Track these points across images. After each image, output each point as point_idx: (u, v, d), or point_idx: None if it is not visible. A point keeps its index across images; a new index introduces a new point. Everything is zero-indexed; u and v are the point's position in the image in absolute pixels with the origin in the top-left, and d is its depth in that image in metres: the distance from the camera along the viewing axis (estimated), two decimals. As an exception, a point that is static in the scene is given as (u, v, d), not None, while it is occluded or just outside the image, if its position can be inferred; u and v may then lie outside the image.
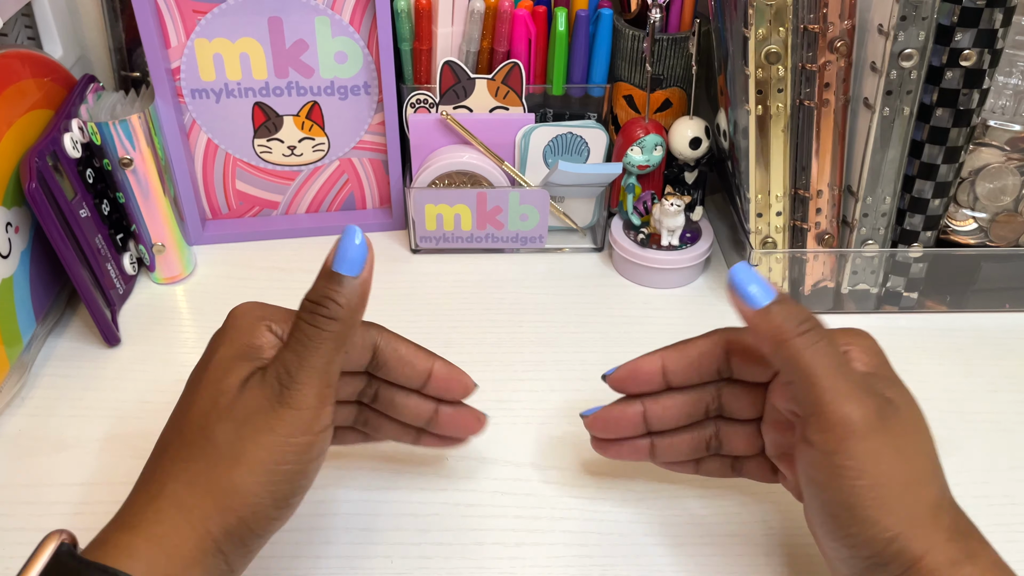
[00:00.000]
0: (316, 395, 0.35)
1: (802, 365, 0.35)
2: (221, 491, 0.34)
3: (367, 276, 0.36)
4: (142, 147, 0.59)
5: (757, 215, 0.59)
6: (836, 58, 0.54)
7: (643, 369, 0.42)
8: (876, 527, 0.34)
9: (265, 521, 0.35)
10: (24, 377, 0.55)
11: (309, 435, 0.35)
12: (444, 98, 0.65)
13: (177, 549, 0.33)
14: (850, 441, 0.34)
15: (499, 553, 0.45)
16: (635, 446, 0.44)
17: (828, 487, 0.35)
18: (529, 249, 0.68)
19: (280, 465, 0.35)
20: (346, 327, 0.36)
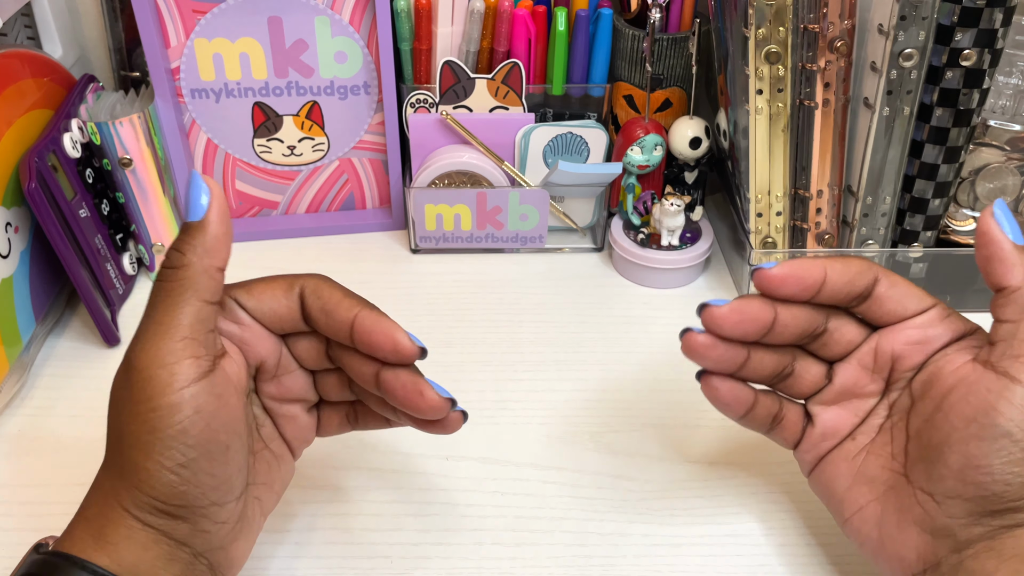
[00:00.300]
0: (164, 351, 0.33)
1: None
2: (119, 471, 0.34)
3: (215, 215, 0.35)
4: (142, 147, 0.59)
5: (757, 215, 0.59)
6: (836, 58, 0.54)
7: (810, 274, 0.40)
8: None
9: (170, 489, 0.34)
10: (24, 377, 0.55)
11: (168, 395, 0.33)
12: (444, 98, 0.65)
13: (104, 530, 0.34)
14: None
15: (499, 553, 0.45)
16: (735, 352, 0.41)
17: (1018, 421, 0.35)
18: (529, 249, 0.68)
19: (152, 433, 0.33)
20: (194, 272, 0.35)
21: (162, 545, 0.34)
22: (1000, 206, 0.38)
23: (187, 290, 0.34)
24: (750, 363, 0.41)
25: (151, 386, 0.33)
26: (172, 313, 0.34)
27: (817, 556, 0.45)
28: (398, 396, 0.38)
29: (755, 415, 0.43)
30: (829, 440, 0.42)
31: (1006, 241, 0.37)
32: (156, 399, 0.33)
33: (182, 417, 0.33)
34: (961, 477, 0.36)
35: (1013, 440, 0.35)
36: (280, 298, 0.38)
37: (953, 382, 0.38)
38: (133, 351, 0.34)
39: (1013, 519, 0.35)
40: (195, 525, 0.35)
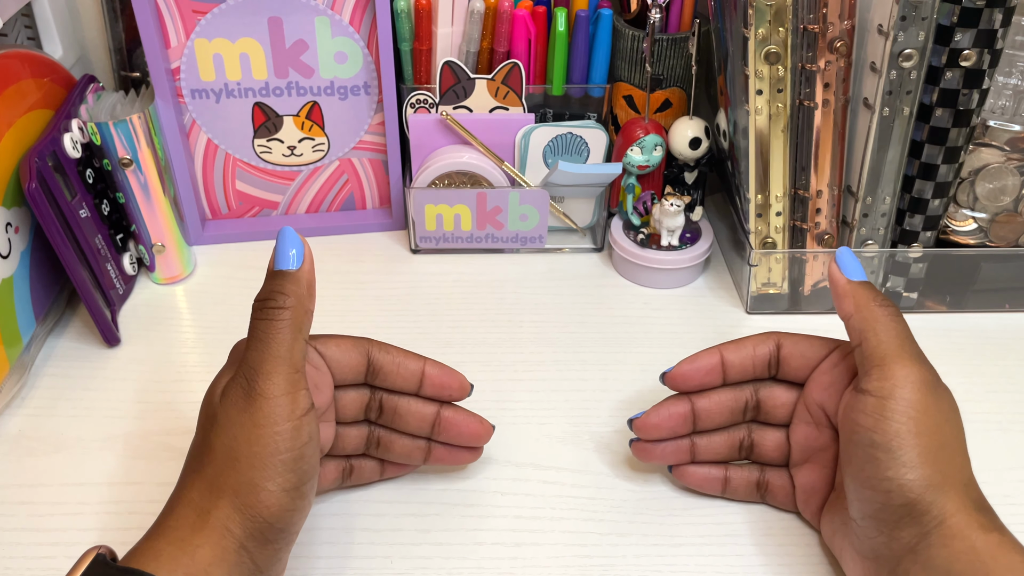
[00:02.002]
0: (285, 380, 0.37)
1: (878, 326, 0.40)
2: (232, 491, 0.36)
3: (308, 267, 0.40)
4: (142, 147, 0.59)
5: (757, 215, 0.59)
6: (836, 58, 0.54)
7: (705, 363, 0.45)
8: (914, 471, 0.37)
9: (282, 512, 0.36)
10: (24, 377, 0.55)
11: (291, 420, 0.36)
12: (444, 98, 0.65)
13: (198, 550, 0.35)
14: (905, 390, 0.38)
15: (499, 553, 0.45)
16: (678, 446, 0.46)
17: (875, 429, 0.38)
18: (529, 249, 0.68)
19: (276, 455, 0.36)
20: (297, 314, 0.38)
21: (243, 570, 0.36)
22: (842, 253, 0.43)
23: (296, 328, 0.38)
24: (699, 449, 0.46)
25: (277, 411, 0.36)
26: (287, 347, 0.37)
27: (817, 556, 0.45)
28: (462, 431, 0.45)
29: (735, 488, 0.47)
30: (816, 495, 0.45)
31: (841, 278, 0.42)
32: (282, 423, 0.36)
33: (301, 442, 0.36)
34: (858, 496, 0.39)
35: (876, 447, 0.38)
36: (351, 351, 0.43)
37: (841, 412, 0.42)
38: (255, 378, 0.37)
39: (918, 526, 0.37)
40: (280, 550, 0.37)
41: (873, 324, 0.40)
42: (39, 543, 0.45)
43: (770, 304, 0.62)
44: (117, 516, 0.46)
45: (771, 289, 0.62)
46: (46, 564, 0.44)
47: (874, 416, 0.38)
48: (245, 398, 0.37)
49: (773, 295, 0.62)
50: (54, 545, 0.45)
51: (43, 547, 0.45)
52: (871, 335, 0.40)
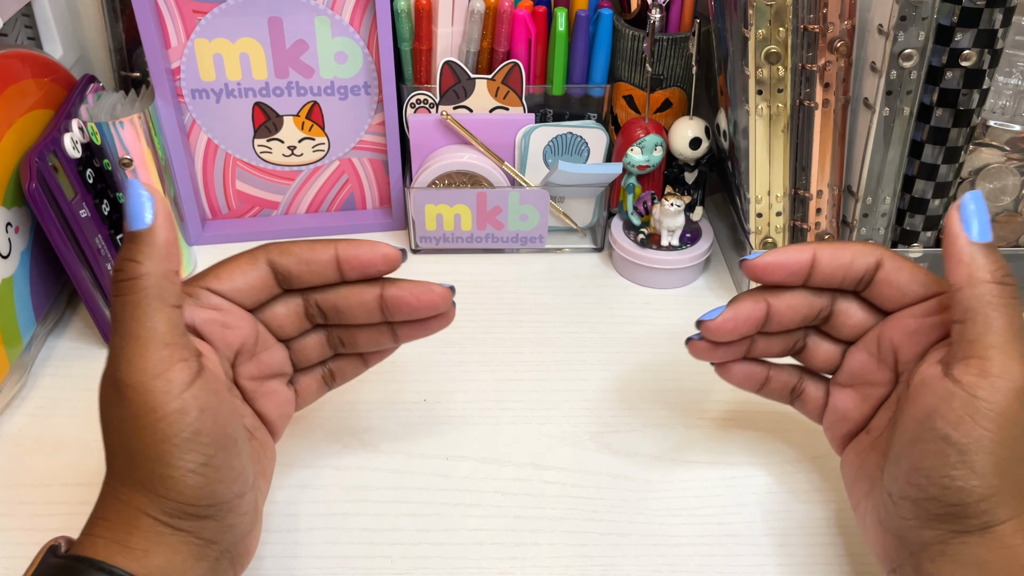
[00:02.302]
0: (153, 362, 0.33)
1: (990, 309, 0.35)
2: (141, 484, 0.34)
3: (161, 222, 0.35)
4: (142, 147, 0.59)
5: (757, 215, 0.59)
6: (836, 58, 0.54)
7: (795, 259, 0.40)
8: (982, 480, 0.34)
9: (198, 491, 0.34)
10: (24, 377, 0.55)
11: (172, 402, 0.33)
12: (444, 98, 0.65)
13: (129, 535, 0.34)
14: (1002, 394, 0.34)
15: (499, 553, 0.45)
16: (738, 347, 0.43)
17: (956, 425, 0.34)
18: (529, 249, 0.68)
19: (166, 442, 0.33)
20: (155, 280, 0.34)
21: (191, 546, 0.35)
22: (972, 199, 0.37)
23: (153, 298, 0.34)
24: (756, 347, 0.43)
25: (151, 398, 0.33)
26: (146, 324, 0.33)
27: (817, 556, 0.45)
28: (409, 301, 0.41)
29: (771, 389, 0.45)
30: (845, 422, 0.43)
31: (961, 236, 0.36)
32: (161, 409, 0.33)
33: (191, 419, 0.33)
34: (908, 479, 0.36)
35: (950, 443, 0.34)
36: (249, 271, 0.40)
37: (918, 383, 0.37)
38: (119, 369, 0.33)
39: (961, 525, 0.35)
40: (222, 521, 0.35)
41: (986, 305, 0.35)
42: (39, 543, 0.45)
43: (770, 304, 0.62)
44: (117, 516, 0.46)
45: (771, 289, 0.61)
46: (46, 564, 0.44)
47: (959, 411, 0.34)
48: (114, 391, 0.34)
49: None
50: (53, 545, 0.45)
51: (43, 547, 0.45)
52: (980, 317, 0.35)
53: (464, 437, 0.52)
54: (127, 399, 0.33)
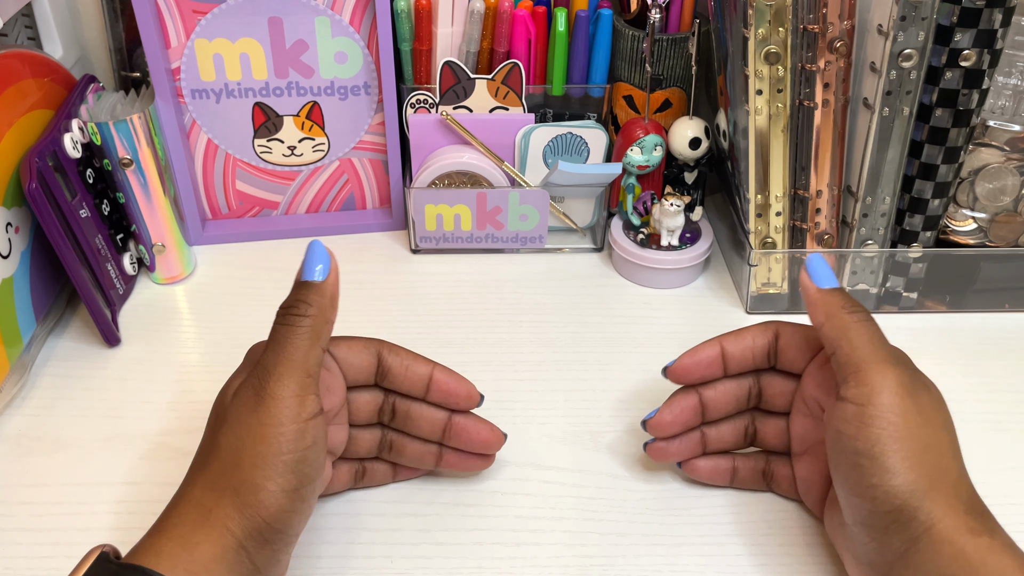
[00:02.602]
0: (296, 383, 0.37)
1: (849, 333, 0.40)
2: (233, 490, 0.36)
3: (333, 280, 0.40)
4: (142, 147, 0.59)
5: (757, 215, 0.59)
6: (836, 58, 0.54)
7: (706, 355, 0.45)
8: (898, 477, 0.37)
9: (280, 513, 0.36)
10: (24, 377, 0.55)
11: (297, 423, 0.37)
12: (444, 98, 0.65)
13: (198, 547, 0.35)
14: (883, 395, 0.38)
15: (499, 553, 0.45)
16: (690, 440, 0.47)
17: (857, 437, 0.38)
18: (529, 249, 0.68)
19: (278, 456, 0.36)
20: (317, 322, 0.39)
21: (244, 568, 0.36)
22: (811, 261, 0.43)
23: (314, 336, 0.39)
24: (710, 440, 0.47)
25: (284, 412, 0.37)
26: (303, 353, 0.38)
27: (817, 556, 0.45)
28: (471, 432, 0.46)
29: (743, 478, 0.48)
30: (812, 487, 0.45)
31: (811, 287, 0.42)
32: (287, 424, 0.37)
33: (305, 445, 0.37)
34: (847, 503, 0.39)
35: (859, 454, 0.37)
36: (362, 352, 0.44)
37: (825, 417, 0.42)
38: (267, 380, 0.37)
39: (907, 531, 0.37)
40: (276, 552, 0.37)
41: (845, 331, 0.40)
42: (39, 543, 0.45)
43: (770, 304, 0.62)
44: (117, 516, 0.46)
45: (771, 289, 0.62)
46: (46, 564, 0.44)
47: (855, 423, 0.38)
48: (255, 398, 0.37)
49: (773, 295, 0.62)
50: (54, 545, 0.45)
51: (43, 547, 0.45)
52: (843, 343, 0.40)
53: (464, 437, 0.52)
54: (264, 406, 0.37)
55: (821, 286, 0.42)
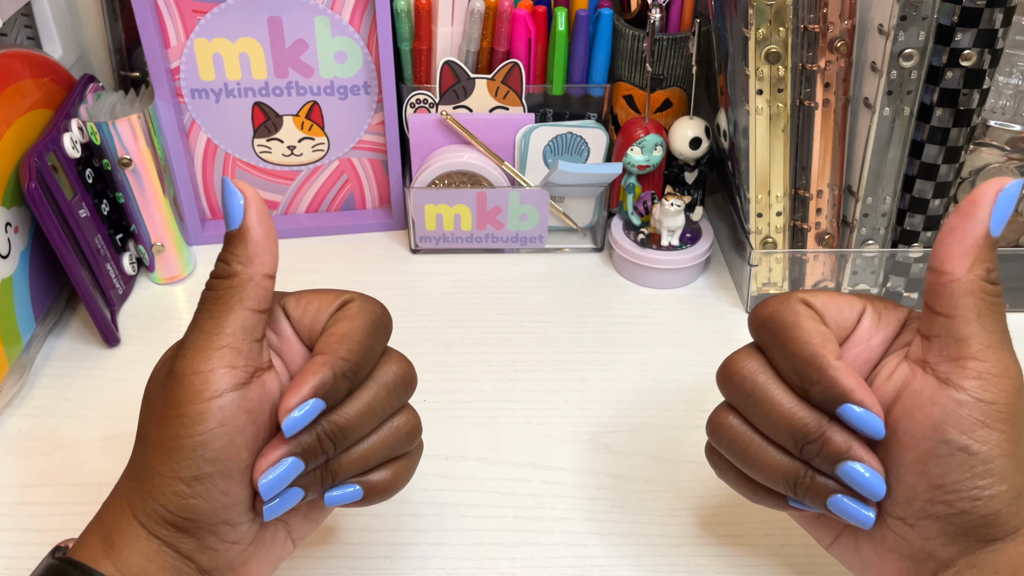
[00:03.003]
0: (203, 359, 0.33)
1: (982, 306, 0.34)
2: (136, 473, 0.34)
3: (253, 222, 0.35)
4: (142, 147, 0.59)
5: (757, 215, 0.59)
6: (836, 58, 0.54)
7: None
8: (1006, 483, 0.33)
9: (179, 501, 0.33)
10: (24, 377, 0.55)
11: (197, 403, 0.32)
12: (444, 98, 0.65)
13: (112, 536, 0.34)
14: (1006, 393, 0.33)
15: (499, 553, 0.45)
16: None
17: (973, 435, 0.33)
18: (529, 249, 0.68)
19: (175, 440, 0.33)
20: (241, 280, 0.34)
21: (166, 557, 0.34)
22: (1015, 187, 0.34)
23: (232, 298, 0.34)
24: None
25: (183, 391, 0.33)
26: (216, 321, 0.33)
27: (816, 557, 0.45)
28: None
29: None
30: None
31: (983, 225, 0.34)
32: (184, 405, 0.33)
33: (205, 428, 0.32)
34: (928, 498, 0.34)
35: (971, 453, 0.33)
36: (325, 310, 0.37)
37: (893, 391, 0.35)
38: (176, 356, 0.34)
39: (991, 533, 0.33)
40: (202, 541, 0.34)
41: (979, 301, 0.34)
42: (39, 543, 0.45)
43: (770, 304, 0.62)
44: (117, 516, 0.46)
45: (771, 289, 0.62)
46: (46, 564, 0.44)
47: (972, 419, 0.33)
48: (166, 376, 0.34)
49: (773, 295, 0.62)
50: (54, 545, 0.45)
51: (43, 547, 0.44)
52: (971, 314, 0.33)
53: (464, 437, 0.52)
54: (168, 386, 0.33)
55: (995, 232, 0.34)
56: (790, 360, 0.35)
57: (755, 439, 0.36)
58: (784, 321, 0.36)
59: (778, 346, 0.36)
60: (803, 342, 0.35)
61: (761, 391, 0.36)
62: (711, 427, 0.38)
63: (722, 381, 0.38)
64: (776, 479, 0.36)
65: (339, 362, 0.34)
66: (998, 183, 0.34)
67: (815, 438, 0.34)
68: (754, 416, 0.36)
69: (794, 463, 0.35)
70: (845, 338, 0.37)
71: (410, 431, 0.37)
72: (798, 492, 0.36)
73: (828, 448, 0.34)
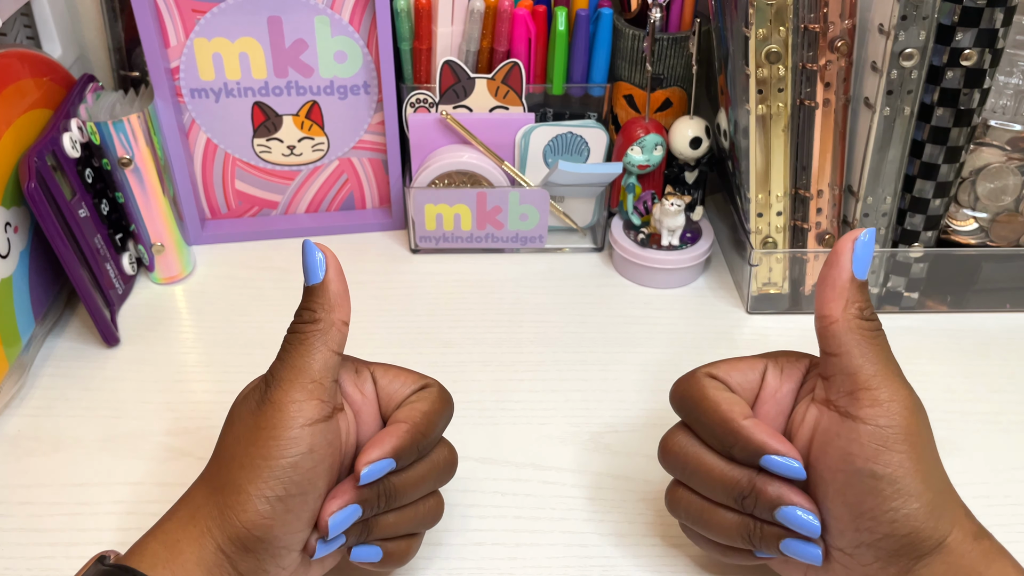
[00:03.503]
0: (299, 389, 0.37)
1: (864, 342, 0.37)
2: (218, 487, 0.36)
3: (331, 276, 0.39)
4: (141, 147, 0.59)
5: (757, 215, 0.59)
6: (837, 58, 0.54)
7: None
8: (918, 500, 0.35)
9: (259, 519, 0.35)
10: (23, 377, 0.55)
11: (293, 428, 0.36)
12: (444, 98, 0.65)
13: (179, 546, 0.35)
14: (901, 416, 0.36)
15: (499, 553, 0.45)
16: None
17: (877, 461, 0.35)
18: (529, 249, 0.68)
19: (267, 460, 0.35)
20: (324, 325, 0.38)
21: (224, 573, 0.36)
22: (869, 235, 0.38)
23: (318, 340, 0.38)
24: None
25: (279, 417, 0.36)
26: (305, 359, 0.37)
27: (817, 556, 0.45)
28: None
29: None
30: None
31: (847, 271, 0.37)
32: (280, 429, 0.36)
33: (297, 451, 0.36)
34: (854, 526, 0.36)
35: (878, 478, 0.35)
36: (408, 386, 0.41)
37: (808, 433, 0.38)
38: (271, 386, 0.37)
39: (919, 550, 0.36)
40: (261, 563, 0.36)
41: (860, 337, 0.37)
42: (39, 543, 0.45)
43: (771, 304, 0.62)
44: (116, 516, 0.46)
45: (772, 289, 0.62)
46: (46, 564, 0.44)
47: (873, 446, 0.35)
48: (258, 403, 0.37)
49: (774, 295, 0.62)
50: (54, 545, 0.45)
51: (43, 547, 0.45)
52: (856, 350, 0.37)
53: (464, 437, 0.51)
54: (262, 411, 0.36)
55: (859, 276, 0.38)
56: (707, 429, 0.39)
57: (705, 505, 0.40)
58: (693, 396, 0.40)
59: (694, 419, 0.40)
60: (712, 411, 0.38)
61: (694, 462, 0.39)
62: (668, 504, 0.42)
63: (662, 460, 0.42)
64: (732, 536, 0.39)
65: (418, 435, 0.39)
66: (854, 234, 0.38)
67: (748, 492, 0.38)
68: (696, 484, 0.40)
69: (743, 518, 0.39)
70: (754, 397, 0.41)
71: (435, 514, 0.42)
72: (754, 543, 0.39)
73: (763, 498, 0.38)
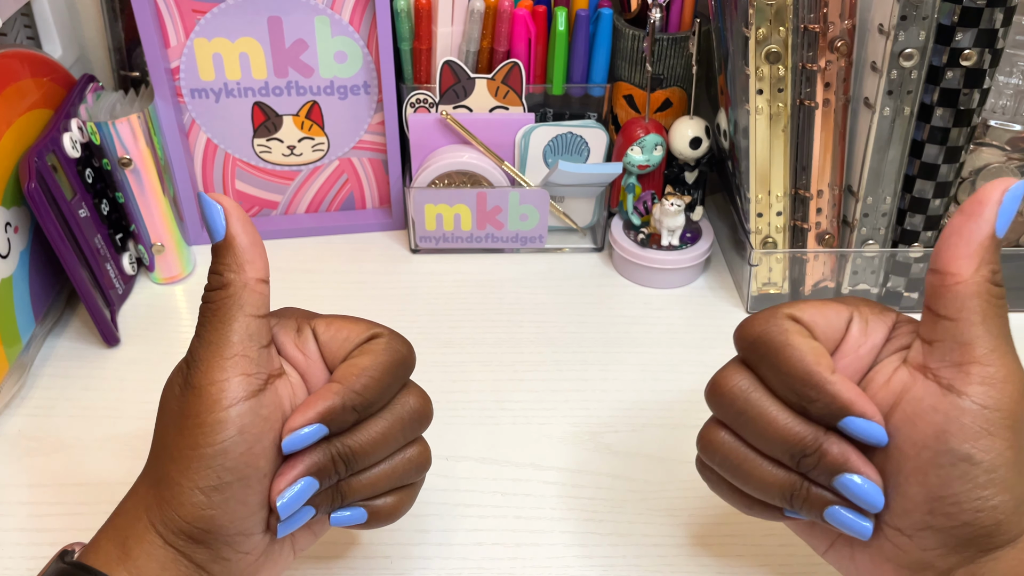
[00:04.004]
0: (217, 369, 0.33)
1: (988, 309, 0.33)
2: (155, 481, 0.34)
3: (237, 230, 0.35)
4: (141, 147, 0.59)
5: (757, 215, 0.59)
6: (836, 58, 0.54)
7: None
8: (1009, 492, 0.32)
9: (197, 511, 0.33)
10: (23, 377, 0.55)
11: (215, 412, 0.33)
12: (444, 98, 0.65)
13: (126, 543, 0.34)
14: (1010, 400, 0.32)
15: (499, 553, 0.45)
16: None
17: (976, 444, 0.32)
18: (529, 249, 0.68)
19: (193, 449, 0.33)
20: (236, 288, 0.34)
21: (180, 567, 0.34)
22: (1020, 188, 0.33)
23: (232, 307, 0.34)
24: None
25: (200, 402, 0.33)
26: (220, 331, 0.34)
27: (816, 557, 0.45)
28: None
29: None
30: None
31: (989, 226, 0.33)
32: (203, 415, 0.33)
33: (224, 437, 0.33)
34: (928, 509, 0.33)
35: (973, 463, 0.32)
36: (353, 339, 0.37)
37: (890, 398, 0.34)
38: (191, 371, 0.34)
39: (992, 542, 0.32)
40: (216, 552, 0.34)
41: (984, 304, 0.32)
42: (39, 543, 0.45)
43: (771, 304, 0.62)
44: (116, 516, 0.46)
45: (772, 289, 0.62)
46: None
47: (975, 428, 0.32)
48: (181, 388, 0.34)
49: (774, 295, 0.62)
50: (54, 545, 0.45)
51: (43, 547, 0.45)
52: (976, 317, 0.32)
53: (464, 437, 0.52)
54: (185, 397, 0.34)
55: (1000, 233, 0.33)
56: (784, 379, 0.34)
57: (748, 454, 0.36)
58: (774, 340, 0.35)
59: (770, 365, 0.35)
60: (796, 360, 0.34)
61: (755, 409, 0.35)
62: (702, 444, 0.38)
63: (712, 399, 0.37)
64: (772, 493, 0.35)
65: (351, 394, 0.35)
66: (1003, 183, 0.33)
67: (812, 451, 0.34)
68: (748, 432, 0.36)
69: (790, 476, 0.35)
70: (835, 348, 0.36)
71: (420, 463, 0.39)
72: (794, 504, 0.35)
73: (825, 460, 0.34)
